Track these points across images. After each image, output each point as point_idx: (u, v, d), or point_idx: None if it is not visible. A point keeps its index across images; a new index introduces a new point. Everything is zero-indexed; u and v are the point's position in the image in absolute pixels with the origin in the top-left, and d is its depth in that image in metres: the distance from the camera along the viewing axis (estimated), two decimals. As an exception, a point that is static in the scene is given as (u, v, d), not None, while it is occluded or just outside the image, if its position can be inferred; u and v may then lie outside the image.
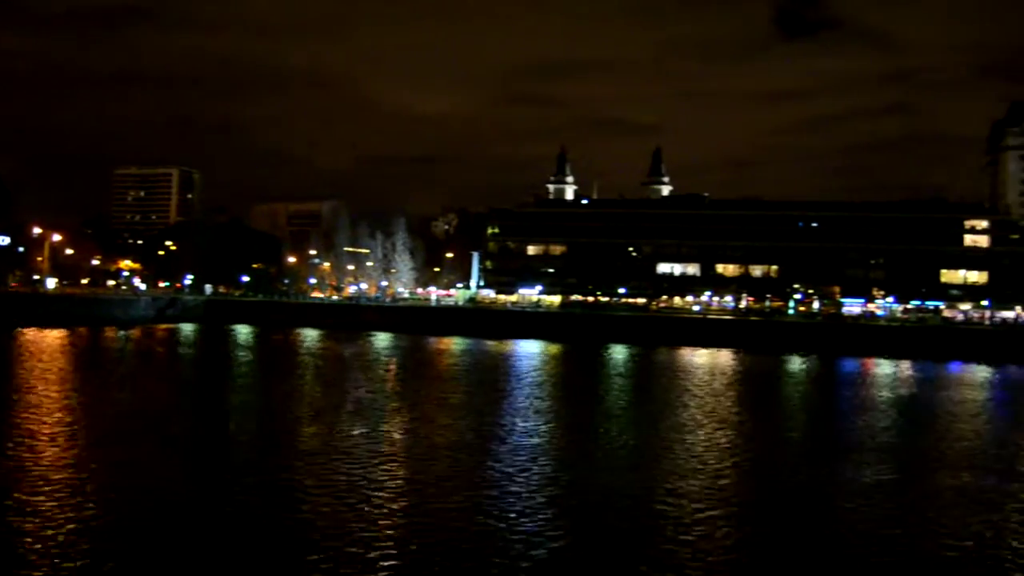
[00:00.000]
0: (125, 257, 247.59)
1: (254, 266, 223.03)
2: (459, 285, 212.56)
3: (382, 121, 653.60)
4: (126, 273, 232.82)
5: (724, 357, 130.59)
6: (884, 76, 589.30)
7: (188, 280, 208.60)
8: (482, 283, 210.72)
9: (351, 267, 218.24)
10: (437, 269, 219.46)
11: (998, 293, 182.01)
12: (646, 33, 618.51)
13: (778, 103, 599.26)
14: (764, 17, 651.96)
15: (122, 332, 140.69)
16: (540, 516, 40.14)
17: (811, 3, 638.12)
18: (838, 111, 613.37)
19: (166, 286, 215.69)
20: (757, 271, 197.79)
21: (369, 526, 37.44)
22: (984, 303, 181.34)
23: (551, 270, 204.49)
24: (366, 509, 39.96)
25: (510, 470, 48.75)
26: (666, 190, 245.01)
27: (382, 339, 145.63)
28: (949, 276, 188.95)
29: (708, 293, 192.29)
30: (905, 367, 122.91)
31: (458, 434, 59.75)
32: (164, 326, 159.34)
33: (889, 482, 49.76)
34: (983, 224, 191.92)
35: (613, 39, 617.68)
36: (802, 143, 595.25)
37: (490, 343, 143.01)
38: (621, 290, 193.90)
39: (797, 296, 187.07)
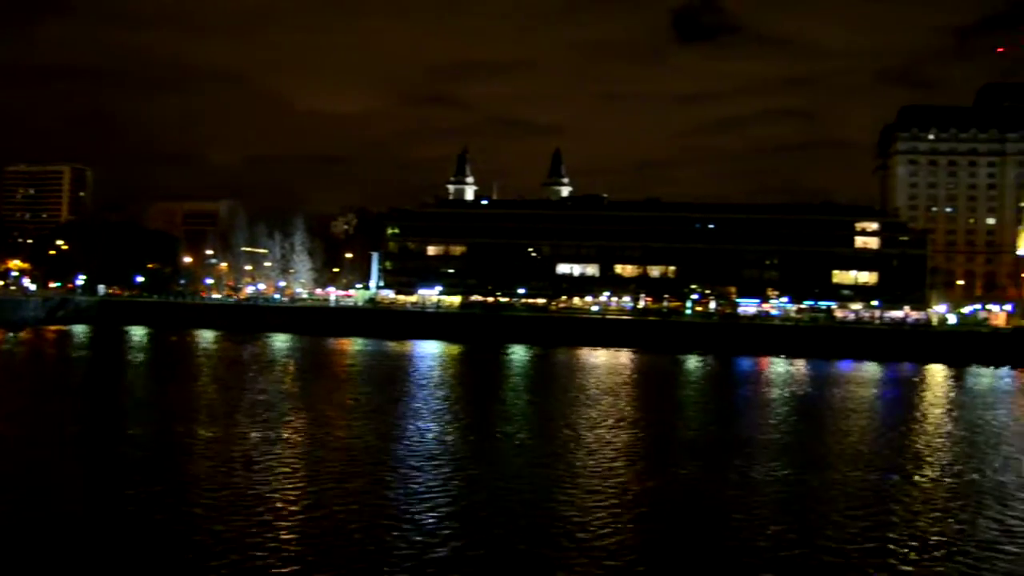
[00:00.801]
0: (14, 257, 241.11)
1: (149, 266, 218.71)
2: (358, 285, 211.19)
3: (284, 119, 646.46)
4: (15, 273, 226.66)
5: (622, 357, 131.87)
6: (783, 80, 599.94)
7: (80, 280, 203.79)
8: (382, 283, 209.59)
9: (248, 267, 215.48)
10: (337, 269, 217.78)
11: (887, 293, 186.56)
12: (549, 35, 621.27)
13: (679, 106, 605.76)
14: (663, 21, 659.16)
15: (11, 334, 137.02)
16: (441, 517, 40.16)
17: (708, 8, 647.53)
18: (738, 114, 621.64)
19: (57, 286, 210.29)
20: (655, 272, 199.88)
21: (267, 529, 37.08)
22: (874, 303, 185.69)
23: (451, 270, 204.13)
24: (264, 512, 39.56)
25: (411, 471, 48.69)
26: (566, 191, 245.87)
27: (280, 340, 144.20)
28: (841, 277, 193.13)
29: (607, 293, 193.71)
30: (799, 366, 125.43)
31: (358, 435, 59.46)
32: (55, 328, 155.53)
33: (783, 478, 50.81)
34: (873, 226, 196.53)
35: (516, 41, 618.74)
36: (703, 145, 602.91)
37: (390, 344, 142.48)
38: (521, 290, 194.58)
39: (694, 296, 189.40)
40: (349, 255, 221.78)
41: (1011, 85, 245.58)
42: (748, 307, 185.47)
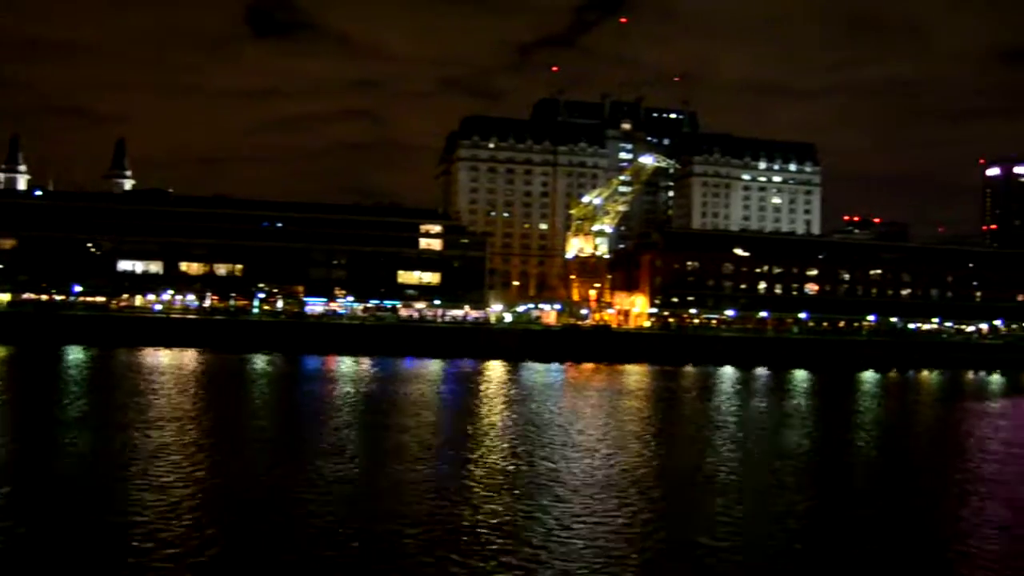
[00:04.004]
0: None
1: None
2: None
3: None
4: None
5: (188, 357, 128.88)
6: (354, 82, 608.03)
7: None
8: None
9: None
10: None
11: (449, 293, 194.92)
12: (114, 19, 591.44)
13: (251, 101, 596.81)
14: (236, 14, 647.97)
15: None
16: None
17: (283, 5, 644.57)
18: (310, 113, 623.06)
19: None
20: (222, 270, 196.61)
21: None
22: (437, 302, 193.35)
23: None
24: None
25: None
26: (129, 184, 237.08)
27: None
28: (406, 277, 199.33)
29: (171, 292, 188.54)
30: (365, 363, 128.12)
31: None
32: None
33: (350, 475, 51.93)
34: (437, 229, 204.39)
35: (78, 22, 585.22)
36: (274, 143, 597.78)
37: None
38: (79, 288, 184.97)
39: (261, 295, 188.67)
40: None
41: (564, 102, 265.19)
42: (316, 306, 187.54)
